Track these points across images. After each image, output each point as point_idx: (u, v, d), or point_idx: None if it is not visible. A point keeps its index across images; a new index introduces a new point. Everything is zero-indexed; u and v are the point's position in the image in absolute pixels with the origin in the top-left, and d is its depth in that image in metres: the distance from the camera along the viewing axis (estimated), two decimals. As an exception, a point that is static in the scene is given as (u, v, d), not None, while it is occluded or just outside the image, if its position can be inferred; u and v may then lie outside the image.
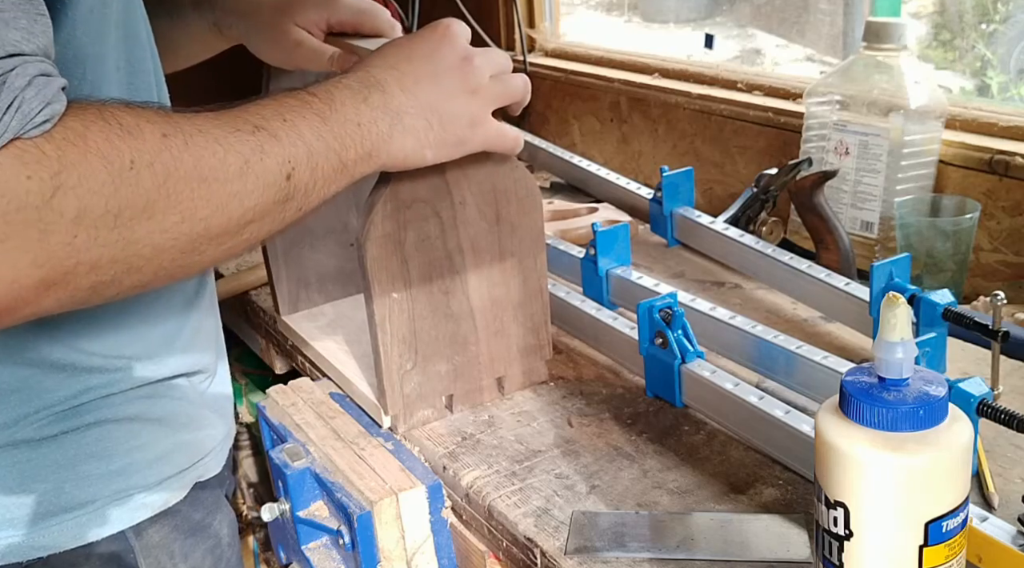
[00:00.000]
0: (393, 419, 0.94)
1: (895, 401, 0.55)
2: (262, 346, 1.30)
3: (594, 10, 2.10)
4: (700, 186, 1.46)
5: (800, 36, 1.65)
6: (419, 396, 0.93)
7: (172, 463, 0.76)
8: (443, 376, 0.94)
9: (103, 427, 0.72)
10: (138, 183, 0.54)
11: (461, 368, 0.94)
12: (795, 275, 1.09)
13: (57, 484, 0.70)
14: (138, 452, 0.74)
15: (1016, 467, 0.81)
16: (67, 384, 0.70)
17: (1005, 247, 1.17)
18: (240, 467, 1.68)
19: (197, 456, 0.79)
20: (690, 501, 0.81)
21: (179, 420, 0.77)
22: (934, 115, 1.19)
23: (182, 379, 0.77)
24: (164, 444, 0.76)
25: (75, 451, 0.71)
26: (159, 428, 0.75)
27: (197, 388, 0.80)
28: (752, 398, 0.85)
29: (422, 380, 0.93)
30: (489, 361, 0.96)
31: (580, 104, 1.75)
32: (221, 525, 0.83)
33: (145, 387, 0.74)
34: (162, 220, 0.56)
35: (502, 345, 0.96)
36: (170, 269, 0.59)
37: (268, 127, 0.61)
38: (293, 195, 0.63)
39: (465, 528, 0.88)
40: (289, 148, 0.62)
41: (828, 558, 0.60)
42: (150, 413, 0.75)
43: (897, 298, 0.55)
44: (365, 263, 0.86)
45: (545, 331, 0.98)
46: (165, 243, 0.57)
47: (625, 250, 1.15)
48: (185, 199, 0.57)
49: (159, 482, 0.75)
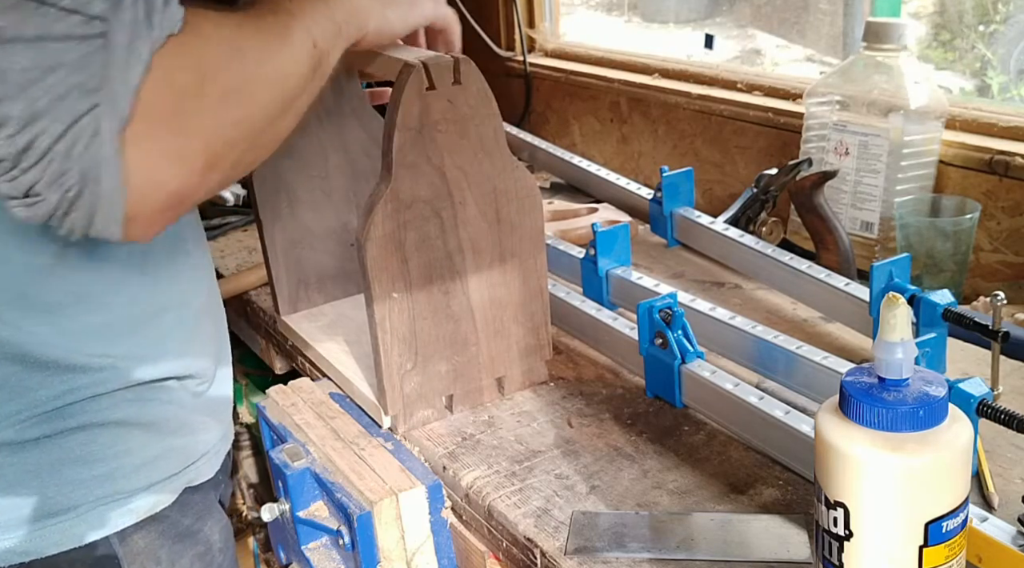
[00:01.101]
0: (393, 419, 0.94)
1: (895, 401, 0.55)
2: (262, 346, 1.30)
3: (594, 10, 2.10)
4: (700, 186, 1.46)
5: (800, 36, 1.65)
6: (419, 396, 0.93)
7: (160, 468, 0.75)
8: (443, 376, 0.94)
9: (88, 431, 0.71)
10: (243, 63, 0.62)
11: (461, 368, 0.94)
12: (795, 275, 1.09)
13: (39, 489, 0.69)
14: (125, 457, 0.73)
15: (1016, 467, 0.81)
16: (51, 383, 0.69)
17: (1005, 247, 1.17)
18: (240, 467, 1.68)
19: (188, 461, 0.78)
20: (690, 501, 0.81)
21: (169, 425, 0.76)
22: (934, 115, 1.19)
23: (173, 382, 0.76)
24: (153, 449, 0.75)
25: (59, 455, 0.70)
26: (147, 433, 0.74)
27: (191, 392, 0.79)
28: (752, 398, 0.85)
29: (422, 380, 0.93)
30: (489, 361, 0.96)
31: (580, 104, 1.75)
32: (212, 530, 0.82)
33: (133, 389, 0.73)
34: (261, 95, 0.64)
35: (502, 345, 0.96)
36: (267, 141, 0.67)
37: (286, 7, 0.68)
38: (318, 62, 0.70)
39: (465, 528, 0.88)
40: (304, 20, 0.69)
41: (828, 558, 0.60)
42: (139, 417, 0.74)
43: (897, 298, 0.55)
44: (365, 263, 0.86)
45: (545, 331, 0.98)
46: (265, 115, 0.65)
47: (625, 250, 1.15)
48: (269, 73, 0.65)
49: (146, 487, 0.74)
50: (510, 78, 1.87)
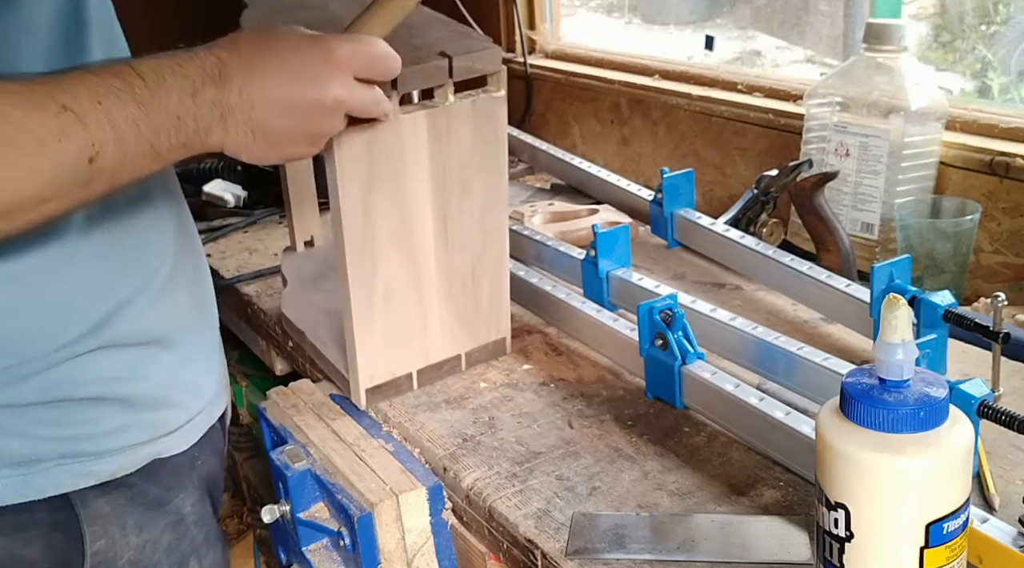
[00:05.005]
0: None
1: (896, 403, 0.55)
2: (262, 347, 1.30)
3: (594, 12, 2.10)
4: (700, 188, 1.46)
5: (800, 38, 1.65)
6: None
7: (126, 436, 0.75)
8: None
9: (58, 405, 0.71)
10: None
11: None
12: (796, 277, 1.09)
13: (4, 442, 0.70)
14: (89, 425, 0.73)
15: (1017, 468, 0.81)
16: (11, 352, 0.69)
17: (1006, 248, 1.17)
18: (241, 469, 1.68)
19: (157, 433, 0.78)
20: (691, 503, 0.81)
21: (140, 400, 0.76)
22: (934, 117, 1.19)
23: (139, 351, 0.76)
24: (118, 419, 0.75)
25: (25, 420, 0.71)
26: (113, 406, 0.74)
27: (165, 368, 0.78)
28: (753, 400, 0.85)
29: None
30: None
31: (581, 106, 1.75)
32: (184, 503, 0.81)
33: (97, 358, 0.72)
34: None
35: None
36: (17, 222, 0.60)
37: (77, 109, 0.60)
38: (97, 177, 0.62)
39: (466, 529, 0.88)
40: (96, 133, 0.60)
41: (829, 560, 0.60)
42: (104, 391, 0.74)
43: (898, 299, 0.55)
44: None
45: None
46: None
47: (625, 252, 1.15)
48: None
49: (111, 452, 0.74)
50: (510, 79, 1.86)
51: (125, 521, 0.77)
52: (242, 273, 1.32)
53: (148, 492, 0.78)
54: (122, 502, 0.76)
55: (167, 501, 0.80)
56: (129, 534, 0.77)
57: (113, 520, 0.76)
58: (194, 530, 0.83)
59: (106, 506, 0.75)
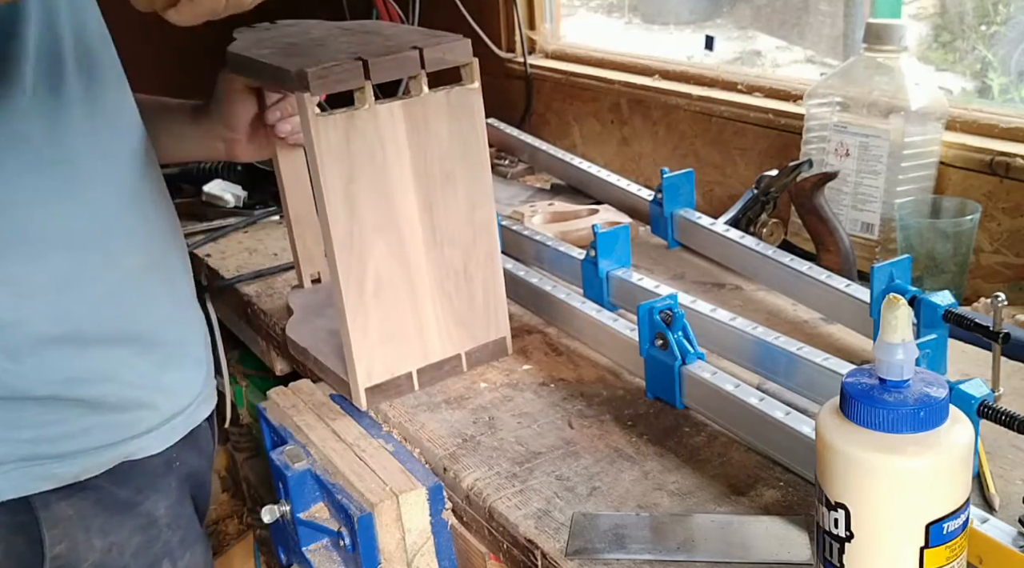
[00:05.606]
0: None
1: (896, 403, 0.55)
2: (262, 347, 1.30)
3: (594, 12, 2.10)
4: (700, 188, 1.46)
5: (800, 38, 1.65)
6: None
7: (90, 438, 0.74)
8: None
9: (20, 403, 0.70)
10: None
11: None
12: (796, 277, 1.09)
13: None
14: (50, 426, 0.72)
15: (1017, 468, 0.81)
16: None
17: (1006, 248, 1.17)
18: (241, 469, 1.69)
19: (125, 435, 0.77)
20: (691, 503, 0.81)
21: (108, 402, 0.75)
22: (934, 117, 1.19)
23: (104, 350, 0.75)
24: (83, 422, 0.74)
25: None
26: (77, 408, 0.73)
27: (135, 369, 0.77)
28: (753, 400, 0.85)
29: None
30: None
31: (581, 106, 1.75)
32: (156, 505, 0.80)
33: (57, 355, 0.71)
34: None
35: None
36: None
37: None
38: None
39: (466, 530, 0.88)
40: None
41: (829, 560, 0.60)
42: (67, 391, 0.73)
43: (898, 299, 0.55)
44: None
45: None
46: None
47: (625, 252, 1.15)
48: None
49: (73, 454, 0.73)
50: (511, 79, 1.87)
51: (89, 524, 0.75)
52: (242, 273, 1.32)
53: (116, 495, 0.77)
54: (87, 505, 0.75)
55: (137, 504, 0.79)
56: (93, 537, 0.76)
57: (76, 523, 0.75)
58: (167, 533, 0.81)
59: (69, 509, 0.74)
